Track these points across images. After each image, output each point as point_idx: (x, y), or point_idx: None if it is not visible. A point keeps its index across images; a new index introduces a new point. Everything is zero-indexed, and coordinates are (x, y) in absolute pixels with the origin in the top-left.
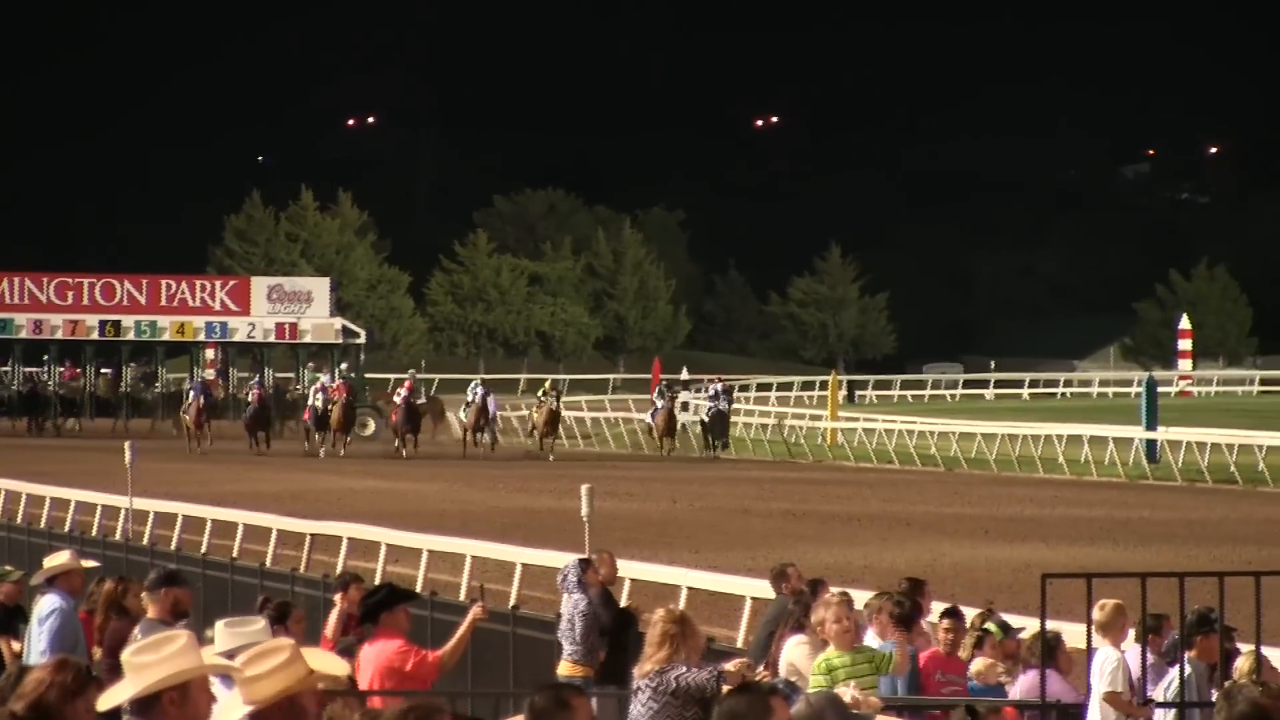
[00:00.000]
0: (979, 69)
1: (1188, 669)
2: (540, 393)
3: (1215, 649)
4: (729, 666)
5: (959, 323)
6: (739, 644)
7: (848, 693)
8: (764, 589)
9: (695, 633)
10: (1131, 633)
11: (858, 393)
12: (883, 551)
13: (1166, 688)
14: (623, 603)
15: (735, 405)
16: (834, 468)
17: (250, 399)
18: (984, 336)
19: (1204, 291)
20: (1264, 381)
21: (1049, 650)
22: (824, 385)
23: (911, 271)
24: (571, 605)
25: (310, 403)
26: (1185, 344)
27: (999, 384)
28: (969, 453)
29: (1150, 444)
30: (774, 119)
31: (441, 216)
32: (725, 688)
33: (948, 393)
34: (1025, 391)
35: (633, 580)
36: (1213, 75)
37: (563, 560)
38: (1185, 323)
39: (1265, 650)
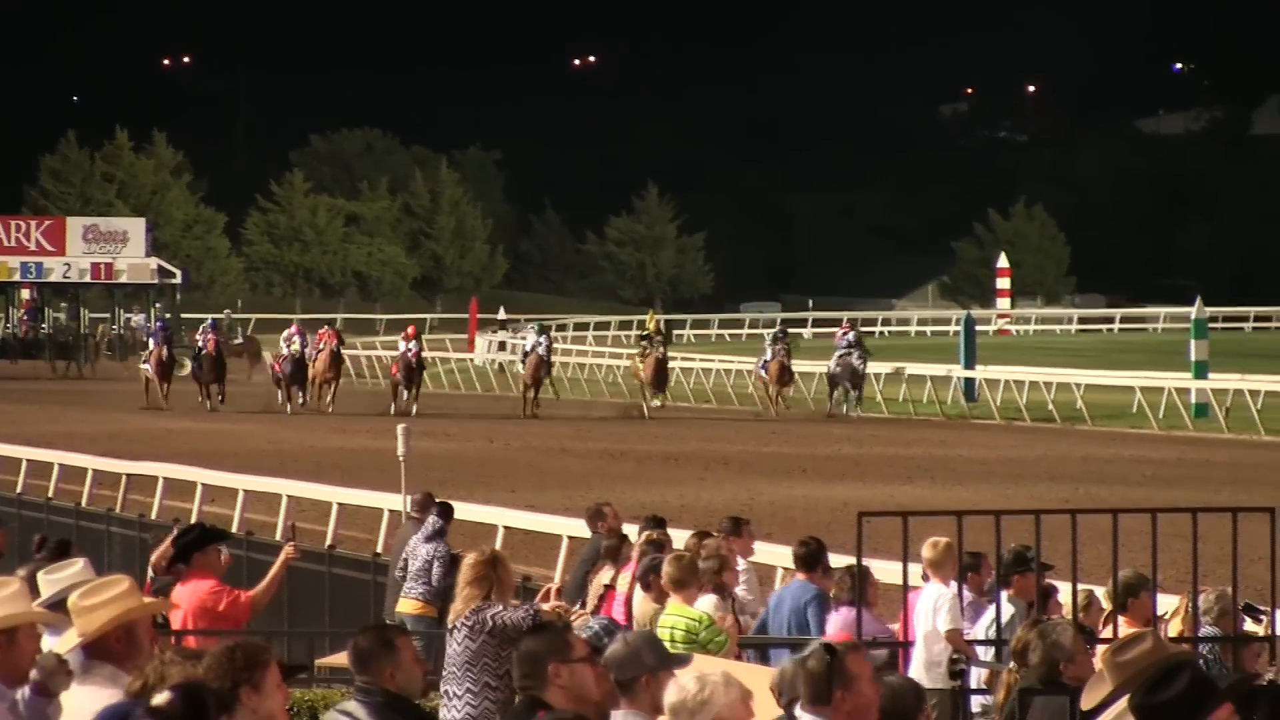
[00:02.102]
0: (801, 9)
1: (1006, 607)
2: (642, 336)
3: (1032, 587)
4: (545, 606)
5: (777, 263)
6: (555, 582)
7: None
8: (581, 528)
9: (508, 572)
10: None
11: (675, 332)
12: (700, 491)
13: (986, 626)
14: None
15: (556, 345)
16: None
17: (202, 345)
18: (803, 276)
19: (1022, 230)
20: (1082, 320)
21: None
22: (640, 324)
23: (730, 211)
24: (429, 548)
25: (283, 351)
26: (1003, 283)
27: (817, 323)
28: (786, 391)
29: (968, 382)
30: (592, 59)
31: (257, 156)
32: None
33: (766, 332)
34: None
35: (459, 522)
36: (1031, 14)
37: (379, 500)
38: (1003, 261)
39: (1081, 588)
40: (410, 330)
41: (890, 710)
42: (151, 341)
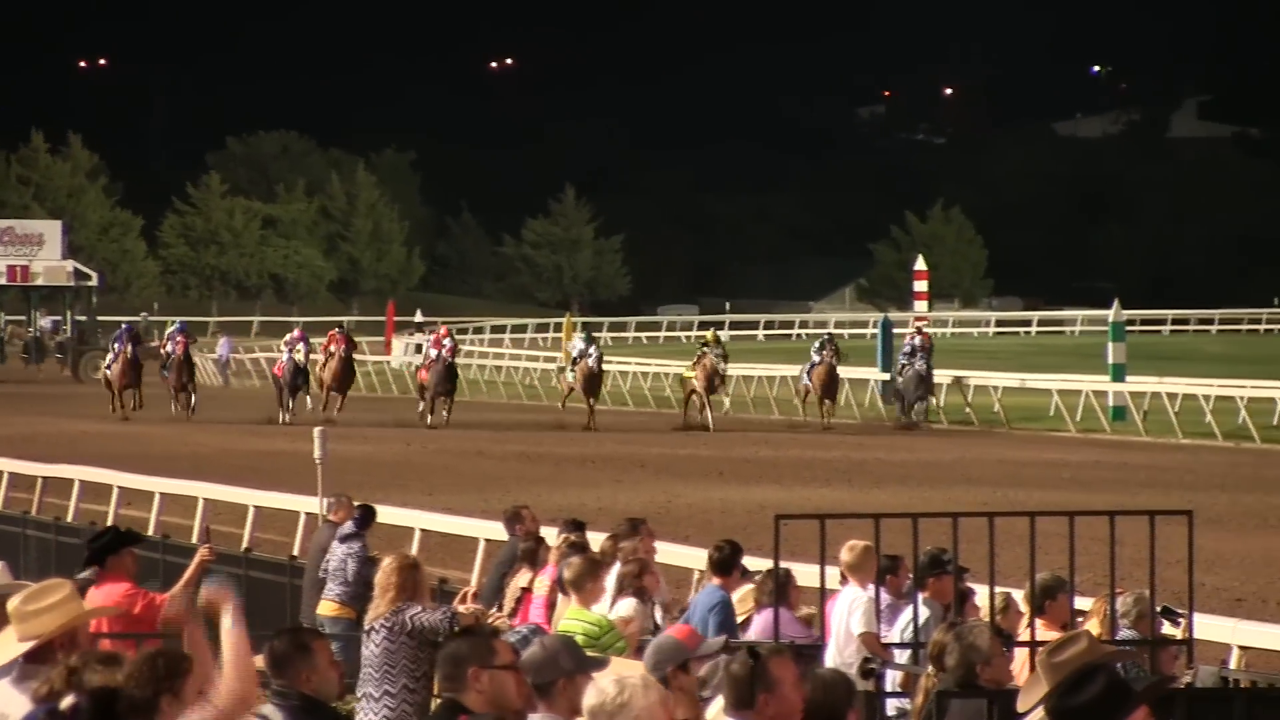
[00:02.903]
0: (720, 11)
1: (922, 610)
2: (701, 344)
3: (949, 589)
4: (462, 608)
5: (695, 265)
6: (472, 585)
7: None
8: (498, 531)
9: (423, 576)
10: None
11: (593, 334)
12: (617, 493)
13: (903, 628)
14: None
15: (470, 349)
16: (569, 410)
17: (172, 350)
18: (720, 279)
19: (939, 233)
20: (999, 323)
21: (780, 590)
22: (558, 327)
23: (647, 214)
24: (346, 549)
25: (286, 356)
26: (921, 285)
27: (735, 325)
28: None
29: (885, 385)
30: (508, 61)
31: (174, 159)
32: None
33: (683, 334)
34: (761, 333)
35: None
36: (949, 17)
37: (295, 503)
38: (921, 264)
39: (998, 590)
40: (443, 330)
41: (822, 702)
42: (115, 344)
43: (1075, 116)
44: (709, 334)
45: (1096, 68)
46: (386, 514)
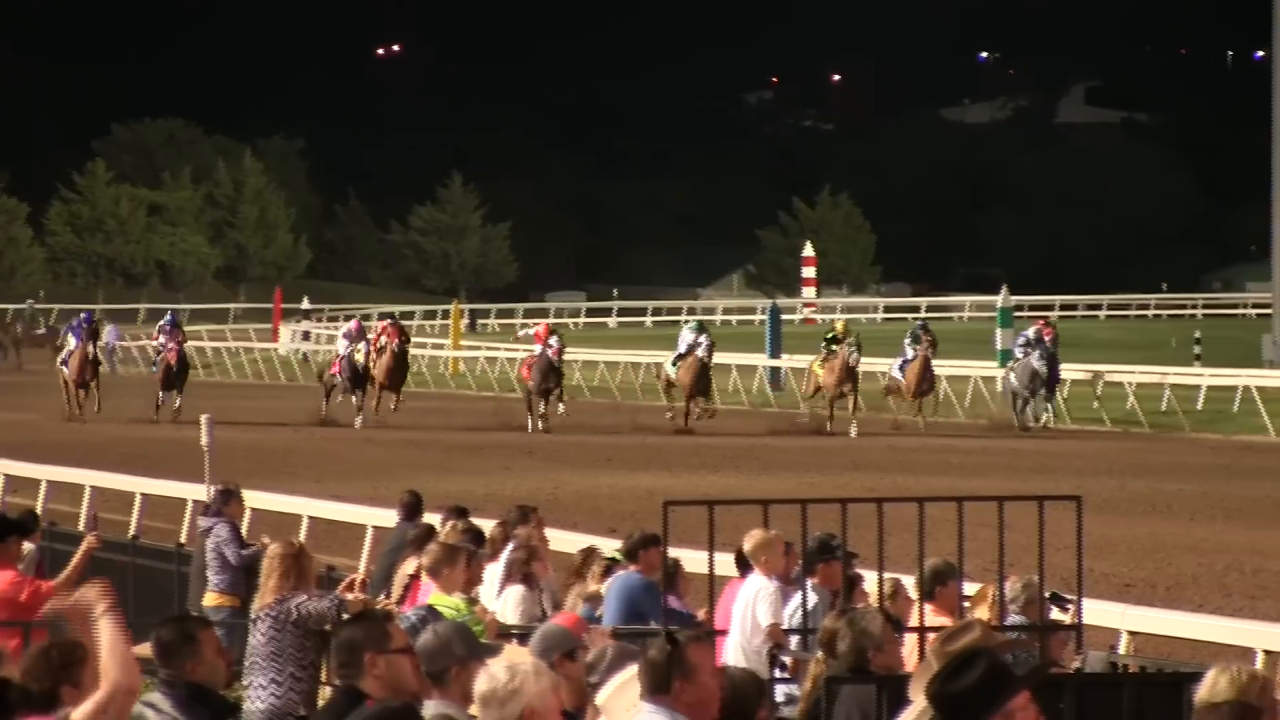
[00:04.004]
0: (604, 1)
1: (811, 596)
2: (829, 340)
3: (837, 575)
4: (349, 596)
5: (583, 252)
6: (360, 572)
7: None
8: (385, 518)
9: (309, 563)
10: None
11: (480, 321)
12: (505, 480)
13: (791, 614)
14: (245, 533)
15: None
16: (456, 396)
17: (163, 346)
18: (608, 266)
19: (828, 219)
20: (888, 309)
21: (669, 577)
22: (446, 314)
23: (534, 201)
24: (214, 537)
25: (343, 352)
26: (809, 272)
27: (622, 312)
28: (591, 381)
29: (774, 371)
30: (396, 48)
31: (60, 146)
32: (345, 616)
33: (570, 321)
34: (648, 319)
35: (254, 510)
36: (836, 4)
37: (183, 491)
38: (809, 250)
39: (888, 576)
40: (544, 327)
41: (731, 701)
42: (73, 338)
43: (963, 103)
44: (839, 325)
45: (984, 54)
46: (274, 501)
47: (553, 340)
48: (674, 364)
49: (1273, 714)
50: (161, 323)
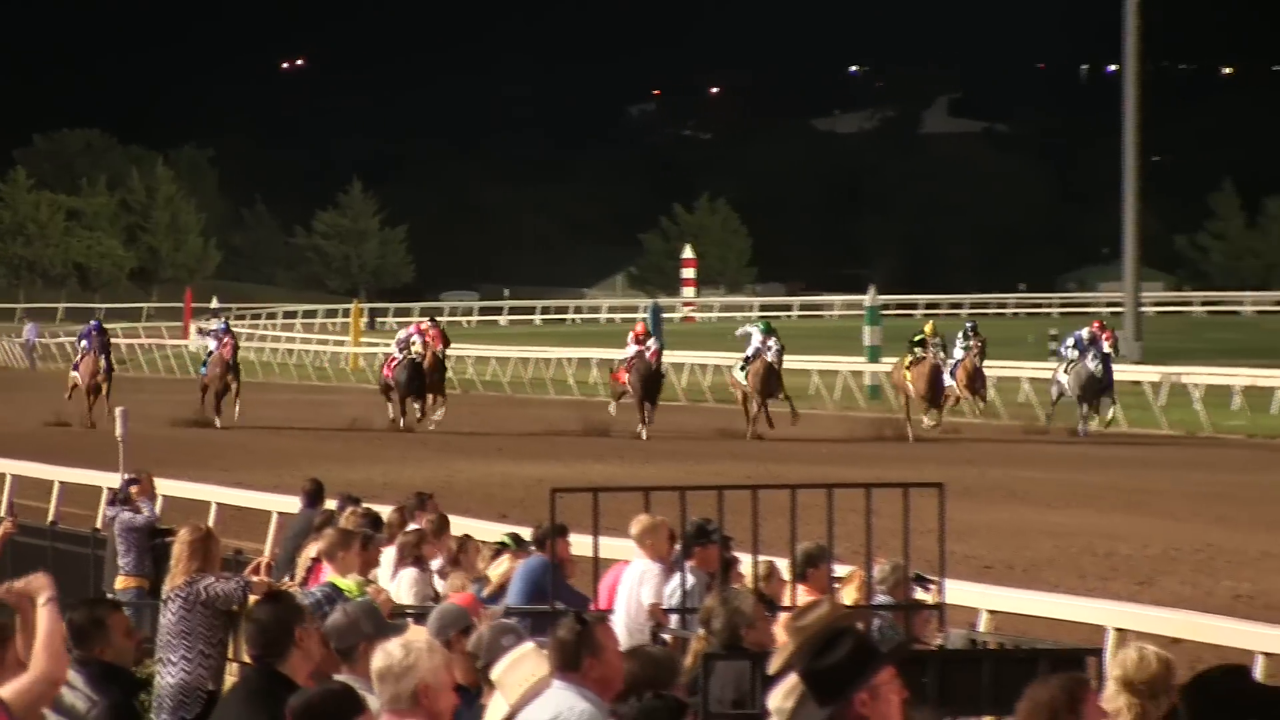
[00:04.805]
0: (497, 12)
1: (689, 578)
2: (914, 343)
3: (714, 558)
4: (255, 577)
5: (476, 254)
6: (265, 556)
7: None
8: (289, 504)
9: (217, 547)
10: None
11: (379, 320)
12: (402, 469)
13: (671, 594)
14: (158, 519)
15: (262, 333)
16: (357, 390)
17: (215, 348)
18: (499, 266)
19: (706, 223)
20: (763, 308)
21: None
22: (347, 313)
23: (430, 205)
24: (122, 522)
25: (400, 355)
26: (689, 273)
27: (513, 310)
28: (484, 375)
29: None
30: (299, 62)
31: None
32: (253, 597)
33: (464, 319)
34: (537, 318)
35: (166, 498)
36: (714, 19)
37: (99, 479)
38: (688, 253)
39: (762, 559)
40: (640, 328)
41: (652, 676)
42: (84, 344)
43: (834, 114)
44: (927, 326)
45: (854, 68)
46: (184, 489)
47: (651, 342)
48: (742, 369)
49: (1170, 697)
50: (211, 327)
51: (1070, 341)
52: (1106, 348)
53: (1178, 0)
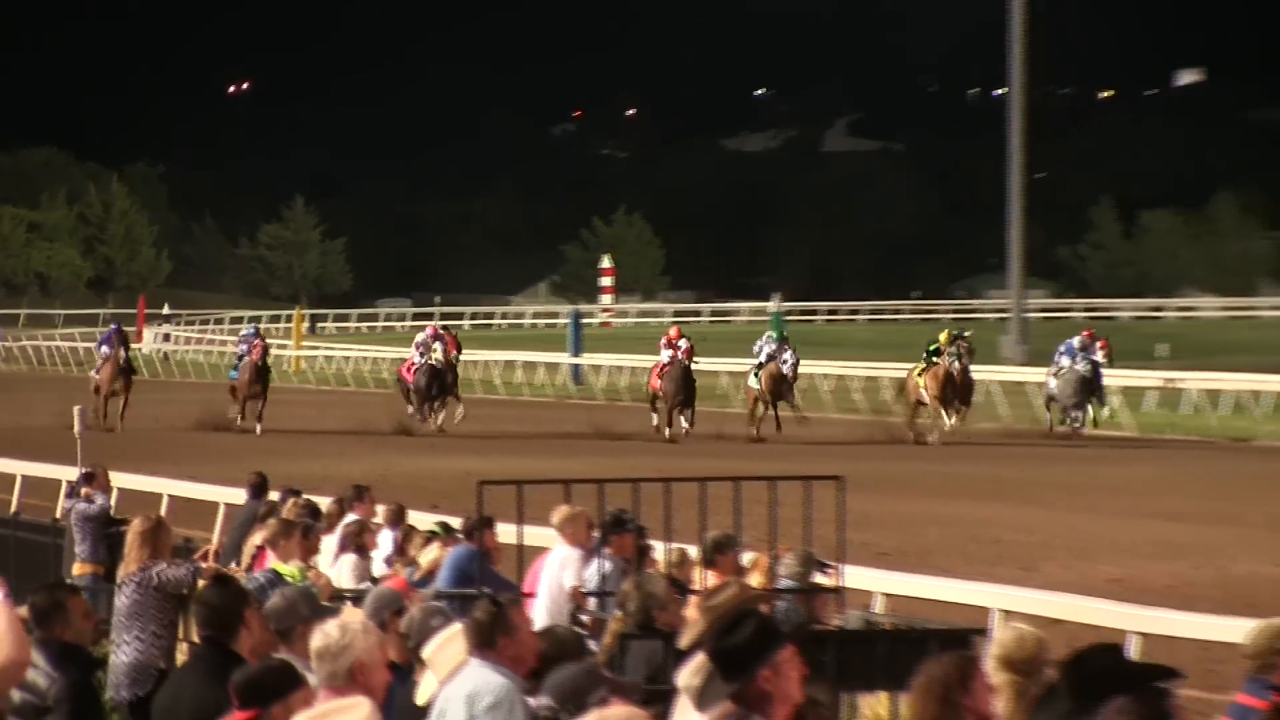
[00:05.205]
0: (429, 39)
1: (607, 564)
2: (930, 351)
3: (630, 546)
4: (204, 564)
5: (409, 263)
6: (213, 543)
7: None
8: (235, 496)
9: (168, 535)
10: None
11: (319, 324)
12: (340, 463)
13: (589, 579)
14: (114, 510)
15: (205, 336)
16: (298, 390)
17: (246, 353)
18: (431, 275)
19: (622, 235)
20: (675, 314)
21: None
22: (289, 318)
23: (366, 218)
24: (78, 512)
25: (420, 359)
26: (606, 281)
27: (444, 316)
28: None
29: (575, 368)
30: (245, 85)
31: None
32: (201, 582)
33: (398, 324)
34: (466, 323)
35: (121, 490)
36: (634, 45)
37: (59, 473)
38: (606, 262)
39: (674, 546)
40: (674, 331)
41: (555, 655)
42: (105, 349)
43: (741, 134)
44: (943, 335)
45: (760, 91)
46: (138, 482)
47: (682, 342)
48: (755, 375)
49: (1045, 675)
50: (243, 332)
51: (1062, 349)
52: (1099, 355)
53: (1059, 30)
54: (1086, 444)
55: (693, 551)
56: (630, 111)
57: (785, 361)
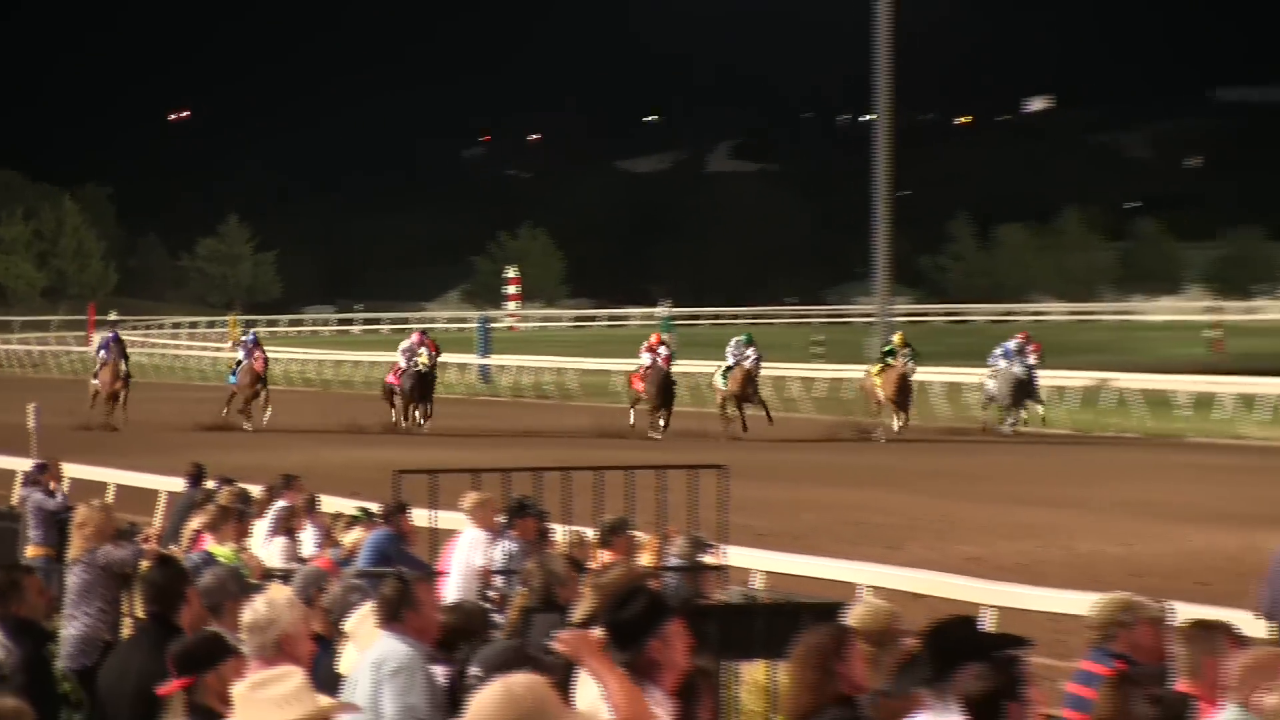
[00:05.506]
0: (350, 71)
1: (512, 545)
2: (885, 353)
3: (533, 528)
4: (147, 546)
5: (333, 274)
6: (155, 528)
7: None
8: (175, 484)
9: (112, 520)
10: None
11: (252, 330)
12: (272, 455)
13: (496, 559)
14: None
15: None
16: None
17: (245, 356)
18: (353, 284)
19: (527, 248)
20: (574, 319)
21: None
22: (225, 324)
23: (294, 233)
24: (34, 502)
25: (406, 364)
26: (513, 289)
27: (365, 322)
28: (340, 376)
29: (484, 368)
30: (184, 114)
31: None
32: (145, 562)
33: (323, 329)
34: (385, 328)
35: (73, 479)
36: (537, 76)
37: (14, 464)
38: (512, 273)
39: (573, 529)
40: (655, 338)
41: (462, 627)
42: (104, 354)
43: (633, 156)
44: (896, 337)
45: (652, 117)
46: (87, 472)
47: (662, 349)
48: (723, 375)
49: (899, 645)
50: (244, 339)
51: (998, 351)
52: (1032, 358)
53: (921, 61)
54: (1016, 440)
55: (589, 533)
56: (534, 136)
57: (749, 358)
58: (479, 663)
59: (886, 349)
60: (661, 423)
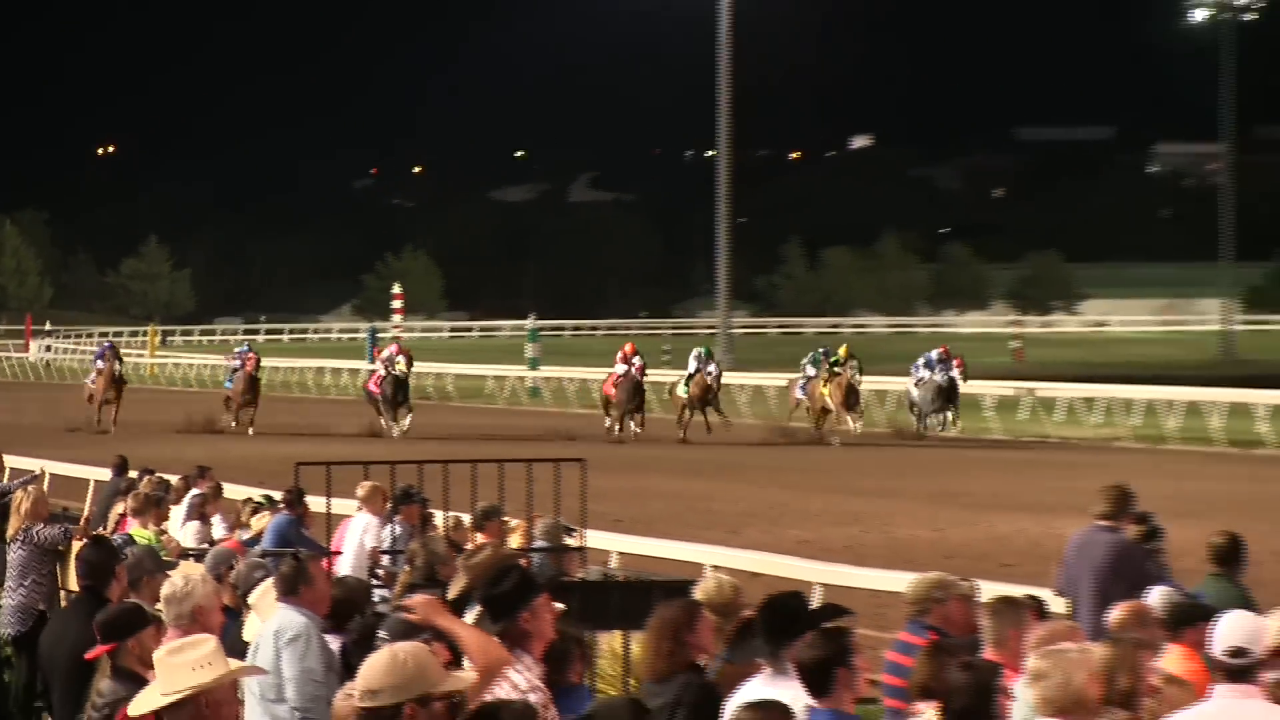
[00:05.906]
0: (259, 101)
1: (398, 528)
2: (832, 364)
3: (416, 514)
4: (77, 527)
5: (240, 289)
6: (85, 511)
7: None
8: (103, 474)
9: (45, 503)
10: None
11: (169, 338)
12: (185, 448)
13: (384, 541)
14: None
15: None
16: (152, 390)
17: (240, 365)
18: (258, 298)
19: (410, 267)
20: (452, 330)
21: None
22: (145, 334)
23: (207, 253)
24: None
25: (385, 371)
26: (398, 304)
27: (268, 331)
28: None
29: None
30: (110, 148)
31: None
32: (76, 541)
33: (231, 339)
34: (286, 337)
35: (13, 469)
36: (418, 114)
37: None
38: (397, 289)
39: (451, 514)
40: (629, 348)
41: (349, 599)
42: (100, 362)
43: (504, 187)
44: (842, 350)
45: (519, 152)
46: (26, 463)
47: (636, 359)
48: (685, 384)
49: (740, 615)
50: (238, 349)
51: (922, 361)
52: (954, 371)
53: (759, 102)
54: (938, 444)
55: (466, 519)
56: (417, 169)
57: (710, 374)
58: (386, 629)
59: (834, 360)
60: (635, 426)
